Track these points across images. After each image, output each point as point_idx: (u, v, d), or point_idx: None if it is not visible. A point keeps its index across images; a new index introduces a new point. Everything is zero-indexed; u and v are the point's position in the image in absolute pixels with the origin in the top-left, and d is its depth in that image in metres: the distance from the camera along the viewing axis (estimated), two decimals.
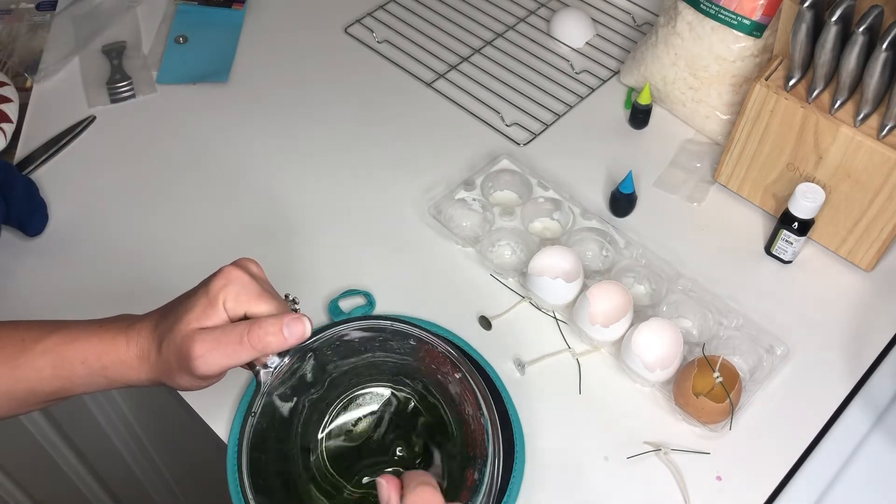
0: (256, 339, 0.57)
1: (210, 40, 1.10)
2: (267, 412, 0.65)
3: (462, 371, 0.66)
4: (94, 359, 0.60)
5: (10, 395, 0.61)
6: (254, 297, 0.59)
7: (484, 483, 0.62)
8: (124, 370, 0.61)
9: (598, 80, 1.06)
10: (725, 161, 0.91)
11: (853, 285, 0.87)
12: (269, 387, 0.63)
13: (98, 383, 0.61)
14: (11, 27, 1.11)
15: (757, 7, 0.88)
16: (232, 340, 0.57)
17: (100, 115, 1.02)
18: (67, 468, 1.09)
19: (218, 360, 0.57)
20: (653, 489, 0.73)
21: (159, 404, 0.93)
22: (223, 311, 0.59)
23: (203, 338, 0.57)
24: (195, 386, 0.61)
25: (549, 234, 0.90)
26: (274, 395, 0.65)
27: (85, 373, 0.60)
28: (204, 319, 0.58)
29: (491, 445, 0.64)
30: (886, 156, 0.78)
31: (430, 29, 1.12)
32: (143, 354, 0.60)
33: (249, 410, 0.64)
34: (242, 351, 0.57)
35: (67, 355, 0.60)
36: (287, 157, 0.98)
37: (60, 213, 0.92)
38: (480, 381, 0.67)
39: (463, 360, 0.67)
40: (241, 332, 0.57)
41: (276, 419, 0.67)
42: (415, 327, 0.69)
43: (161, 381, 0.61)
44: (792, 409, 0.78)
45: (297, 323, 0.58)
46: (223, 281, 0.59)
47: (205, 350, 0.57)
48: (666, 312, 0.82)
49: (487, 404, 0.66)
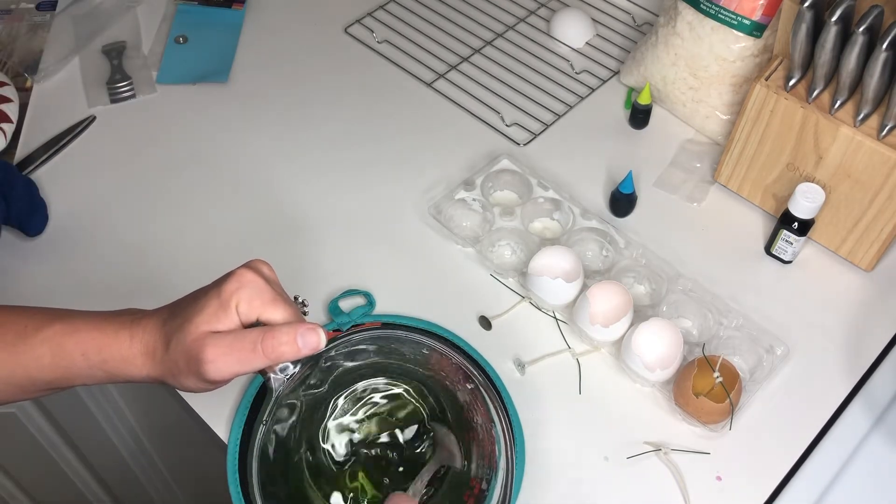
0: (270, 348, 0.56)
1: (210, 40, 1.10)
2: (277, 416, 0.65)
3: (475, 383, 0.66)
4: (95, 352, 0.60)
5: (9, 380, 0.61)
6: (267, 302, 0.58)
7: (495, 496, 0.62)
8: (125, 365, 0.60)
9: (598, 80, 1.06)
10: (725, 161, 0.91)
11: (853, 285, 0.87)
12: (280, 394, 0.63)
13: (97, 376, 0.61)
14: (11, 27, 1.11)
15: (757, 7, 0.88)
16: (245, 347, 0.56)
17: (100, 115, 1.02)
18: (67, 468, 1.09)
19: (229, 367, 0.57)
20: (653, 489, 0.73)
21: (159, 404, 0.93)
22: (235, 316, 0.58)
23: (215, 342, 0.56)
24: (200, 389, 0.60)
25: (549, 234, 0.90)
26: (284, 403, 0.65)
27: (84, 365, 0.60)
28: (215, 322, 0.57)
29: (503, 459, 0.63)
30: (886, 156, 0.78)
31: (430, 29, 1.12)
32: (148, 351, 0.59)
33: (259, 420, 0.64)
34: (255, 359, 0.57)
35: (67, 346, 0.60)
36: (287, 157, 0.98)
37: (60, 213, 0.92)
38: (495, 394, 0.66)
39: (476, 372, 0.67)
40: (255, 339, 0.56)
41: (281, 423, 0.67)
42: (428, 337, 0.68)
43: (164, 379, 0.60)
44: (792, 409, 0.78)
45: (311, 333, 0.57)
46: (236, 284, 0.58)
47: (216, 355, 0.56)
48: (666, 312, 0.82)
49: (501, 418, 0.65)
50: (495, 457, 0.64)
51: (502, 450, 0.64)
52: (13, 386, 0.61)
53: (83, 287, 0.86)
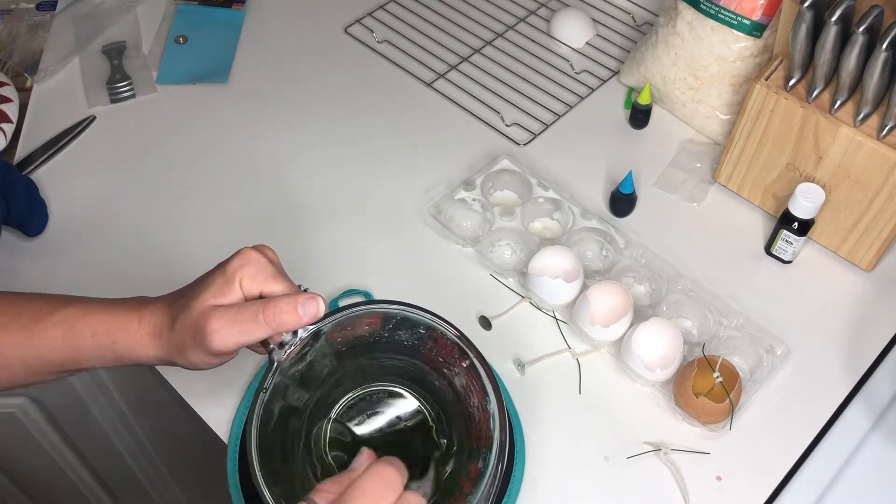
0: (272, 316, 0.59)
1: (210, 40, 1.10)
2: (275, 397, 0.65)
3: (470, 358, 0.66)
4: (104, 333, 0.62)
5: (24, 362, 0.63)
6: (269, 277, 0.61)
7: (489, 468, 0.62)
8: (134, 346, 0.62)
9: (598, 80, 1.06)
10: (725, 161, 0.91)
11: (853, 285, 0.87)
12: (281, 365, 0.64)
13: (107, 357, 0.63)
14: (11, 27, 1.11)
15: (757, 7, 0.88)
16: (247, 318, 0.59)
17: (100, 115, 1.02)
18: (67, 468, 1.09)
19: (233, 337, 0.59)
20: (653, 489, 0.73)
21: (159, 404, 0.93)
22: (239, 290, 0.61)
23: (219, 314, 0.59)
24: (206, 363, 0.62)
25: (549, 234, 0.90)
26: (282, 382, 0.65)
27: (94, 345, 0.62)
28: (220, 297, 0.60)
29: (497, 430, 0.63)
30: (886, 156, 0.78)
31: (430, 29, 1.12)
32: (156, 331, 0.62)
33: (260, 388, 0.64)
34: (257, 328, 0.59)
35: (78, 327, 0.62)
36: (286, 157, 0.98)
37: (60, 213, 0.92)
38: (488, 366, 0.67)
39: (471, 345, 0.67)
40: (257, 309, 0.59)
41: (282, 409, 0.66)
42: (424, 313, 0.69)
43: (171, 358, 0.62)
44: (792, 409, 0.78)
45: (311, 302, 0.60)
46: (240, 261, 0.61)
47: (220, 325, 0.59)
48: (666, 312, 0.82)
49: (494, 388, 0.65)
50: (490, 433, 0.64)
51: (496, 425, 0.64)
52: (28, 367, 0.64)
53: (83, 287, 0.85)
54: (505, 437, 0.64)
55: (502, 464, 0.64)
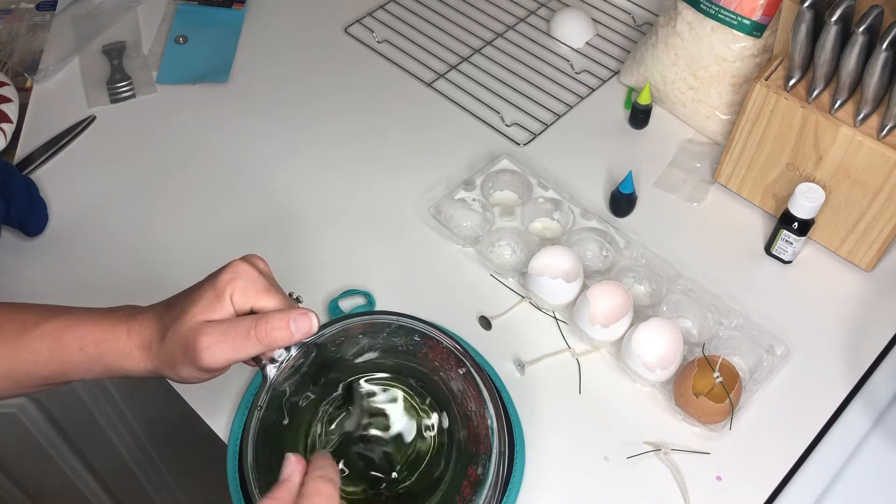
0: (263, 333, 0.58)
1: (210, 40, 1.10)
2: (271, 407, 0.65)
3: (466, 366, 0.66)
4: (92, 346, 0.60)
5: (9, 375, 0.62)
6: (261, 291, 0.60)
7: (489, 476, 0.62)
8: (122, 359, 0.61)
9: (598, 80, 1.06)
10: (725, 161, 0.91)
11: (853, 285, 0.87)
12: (274, 381, 0.63)
13: (94, 370, 0.62)
14: (11, 27, 1.11)
15: (757, 7, 0.88)
16: (239, 334, 0.58)
17: (100, 115, 1.02)
18: (67, 468, 1.09)
19: (224, 354, 0.58)
20: (653, 489, 0.73)
21: (159, 404, 0.93)
22: (230, 305, 0.59)
23: (209, 330, 0.58)
24: (196, 378, 0.61)
25: (549, 234, 0.90)
26: (277, 391, 0.65)
27: (82, 359, 0.61)
28: (210, 312, 0.59)
29: (496, 439, 0.63)
30: (886, 156, 0.78)
31: (430, 29, 1.12)
32: (145, 344, 0.60)
33: (254, 405, 0.64)
34: (249, 345, 0.58)
35: (65, 340, 0.61)
36: (286, 157, 0.98)
37: (60, 213, 0.92)
38: (486, 375, 0.67)
39: (467, 354, 0.67)
40: (248, 325, 0.58)
41: (279, 415, 0.67)
42: (419, 322, 0.69)
43: (161, 371, 0.61)
44: (792, 409, 0.78)
45: (303, 318, 0.59)
46: (231, 275, 0.59)
47: (211, 342, 0.57)
48: (666, 312, 0.82)
49: (492, 398, 0.65)
50: (489, 440, 0.64)
51: (495, 430, 0.64)
52: (13, 381, 0.62)
53: (83, 287, 0.86)
54: (504, 446, 0.64)
55: (502, 471, 0.64)
